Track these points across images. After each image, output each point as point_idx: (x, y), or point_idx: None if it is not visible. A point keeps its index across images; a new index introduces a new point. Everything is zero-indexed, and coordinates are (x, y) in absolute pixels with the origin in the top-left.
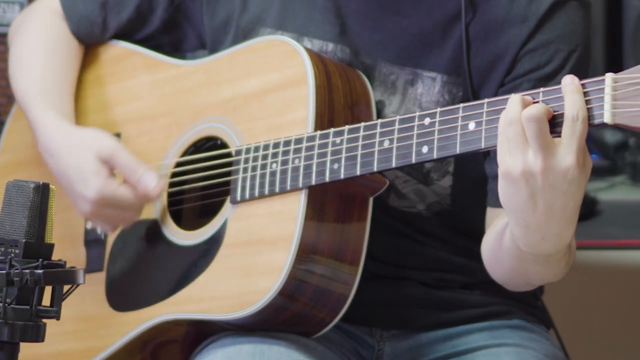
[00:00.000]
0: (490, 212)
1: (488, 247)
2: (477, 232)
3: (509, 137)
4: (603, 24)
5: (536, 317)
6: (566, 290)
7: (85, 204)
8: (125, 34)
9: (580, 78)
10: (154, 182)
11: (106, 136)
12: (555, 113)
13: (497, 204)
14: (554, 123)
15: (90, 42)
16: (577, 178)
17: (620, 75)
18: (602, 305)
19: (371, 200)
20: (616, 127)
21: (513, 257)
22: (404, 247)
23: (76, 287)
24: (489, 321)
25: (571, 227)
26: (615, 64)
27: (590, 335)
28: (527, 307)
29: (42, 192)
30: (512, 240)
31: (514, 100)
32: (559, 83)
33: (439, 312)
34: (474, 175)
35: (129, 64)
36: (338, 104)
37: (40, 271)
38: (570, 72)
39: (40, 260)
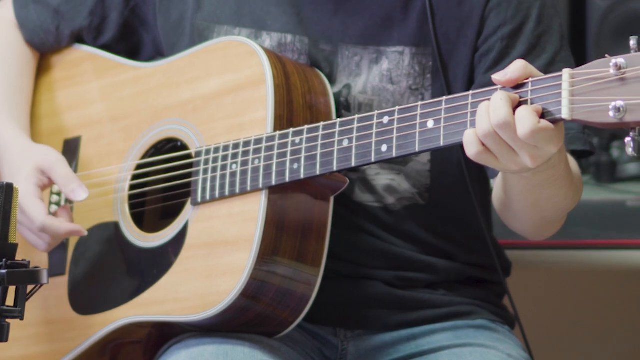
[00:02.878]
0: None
1: (498, 200)
2: (448, 228)
3: (498, 141)
4: (567, 24)
5: (500, 317)
6: (531, 290)
7: None
8: (82, 42)
9: (546, 25)
10: (84, 195)
11: (54, 152)
12: (522, 100)
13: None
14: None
15: (45, 50)
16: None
17: (577, 70)
18: (567, 304)
19: (332, 199)
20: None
21: (521, 194)
22: (367, 245)
23: (40, 287)
24: (452, 321)
25: (565, 155)
26: (579, 64)
27: (554, 334)
28: (491, 307)
29: (6, 192)
30: (516, 181)
31: (503, 101)
32: (528, 34)
33: (403, 312)
34: (453, 147)
35: (88, 67)
36: (297, 103)
37: (4, 271)
38: (536, 21)
39: (5, 260)
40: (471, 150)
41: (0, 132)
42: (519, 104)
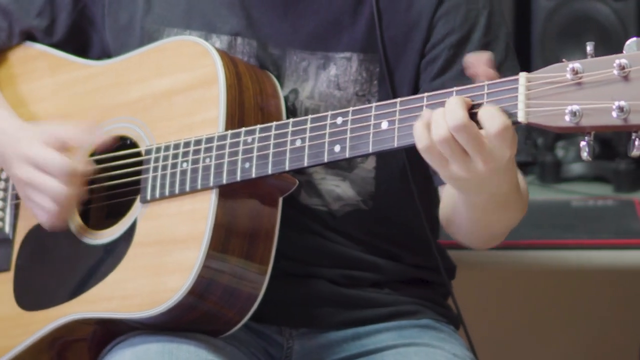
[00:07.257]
0: (441, 189)
1: (444, 217)
2: (391, 231)
3: (453, 146)
4: (512, 24)
5: (445, 317)
6: (475, 290)
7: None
8: (34, 40)
9: (493, 34)
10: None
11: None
12: (474, 103)
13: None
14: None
15: None
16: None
17: (534, 74)
18: (511, 304)
19: (281, 200)
20: (530, 127)
21: (471, 220)
22: (313, 244)
23: None
24: (397, 320)
25: (514, 168)
26: (524, 64)
27: (498, 334)
28: (436, 306)
29: None
30: (466, 205)
31: (458, 104)
32: (475, 42)
33: (348, 310)
34: (398, 154)
35: (39, 64)
36: (249, 104)
37: None
38: (483, 30)
39: None
40: (421, 142)
41: None
42: (472, 107)
